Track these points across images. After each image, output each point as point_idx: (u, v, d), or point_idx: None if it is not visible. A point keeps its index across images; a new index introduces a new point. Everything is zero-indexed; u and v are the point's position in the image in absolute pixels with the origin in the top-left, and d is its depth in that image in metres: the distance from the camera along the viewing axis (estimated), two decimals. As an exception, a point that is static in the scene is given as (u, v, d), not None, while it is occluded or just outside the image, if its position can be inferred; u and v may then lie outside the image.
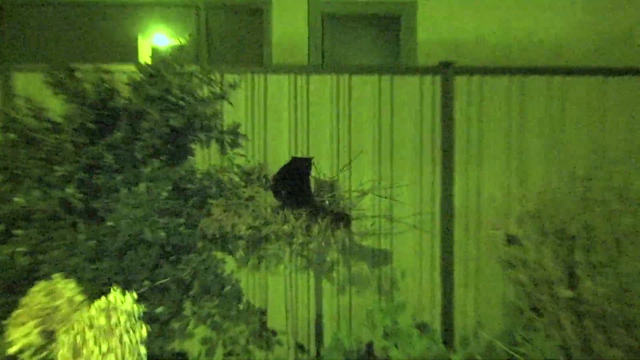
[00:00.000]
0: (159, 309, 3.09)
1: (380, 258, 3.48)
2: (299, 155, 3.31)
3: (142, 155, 3.11)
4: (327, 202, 3.12)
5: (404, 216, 3.47)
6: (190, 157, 3.23)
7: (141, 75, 3.17)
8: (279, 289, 3.44)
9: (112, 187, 3.06)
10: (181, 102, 3.15)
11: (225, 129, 3.31)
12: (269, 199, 3.11)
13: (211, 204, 3.13)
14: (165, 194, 3.03)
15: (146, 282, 3.05)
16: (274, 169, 3.22)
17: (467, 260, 3.50)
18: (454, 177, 3.50)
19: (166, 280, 3.09)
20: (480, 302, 3.49)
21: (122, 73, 3.19)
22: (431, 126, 3.49)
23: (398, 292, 3.50)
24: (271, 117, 3.40)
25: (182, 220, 3.07)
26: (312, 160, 3.05)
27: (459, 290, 3.53)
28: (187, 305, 3.21)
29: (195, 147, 3.29)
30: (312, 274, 3.48)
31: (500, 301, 3.44)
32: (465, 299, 3.50)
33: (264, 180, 3.23)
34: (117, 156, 3.09)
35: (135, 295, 2.57)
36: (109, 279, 2.99)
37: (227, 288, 3.19)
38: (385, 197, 3.39)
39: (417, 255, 3.51)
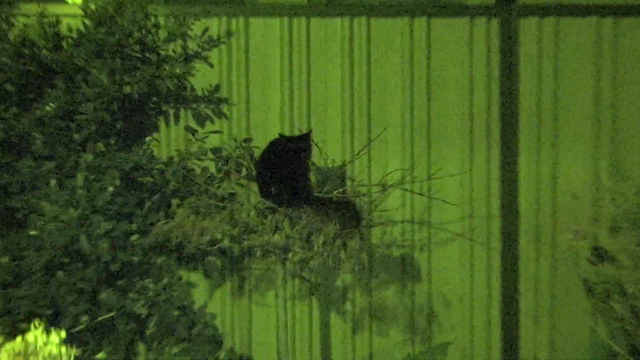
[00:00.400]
0: (100, 355, 3.12)
1: (413, 280, 3.50)
2: (297, 133, 3.32)
3: (83, 136, 3.16)
4: (335, 199, 3.09)
5: (447, 220, 3.49)
6: (148, 138, 3.30)
7: (86, 21, 3.23)
8: (268, 326, 3.47)
9: (37, 178, 3.09)
10: (139, 61, 3.24)
11: (199, 94, 3.37)
12: (254, 198, 3.16)
13: (177, 205, 3.22)
14: (111, 188, 3.05)
15: (82, 317, 3.08)
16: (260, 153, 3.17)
17: (538, 283, 3.52)
18: (519, 163, 3.51)
19: (111, 314, 3.12)
20: (556, 342, 3.50)
21: (59, 17, 3.26)
22: (485, 90, 3.48)
23: (439, 329, 3.52)
24: (256, 78, 3.40)
25: (134, 227, 3.11)
26: (312, 137, 3.04)
27: (526, 325, 3.53)
28: (141, 350, 3.25)
29: (158, 123, 3.36)
30: (315, 304, 3.52)
31: (585, 341, 3.47)
32: (535, 338, 3.50)
33: (246, 170, 3.25)
34: (48, 135, 3.11)
35: (64, 334, 2.59)
36: (29, 312, 2.99)
37: (199, 327, 3.23)
38: (420, 194, 3.39)
39: (466, 277, 3.52)
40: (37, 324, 2.62)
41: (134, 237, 3.10)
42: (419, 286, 3.52)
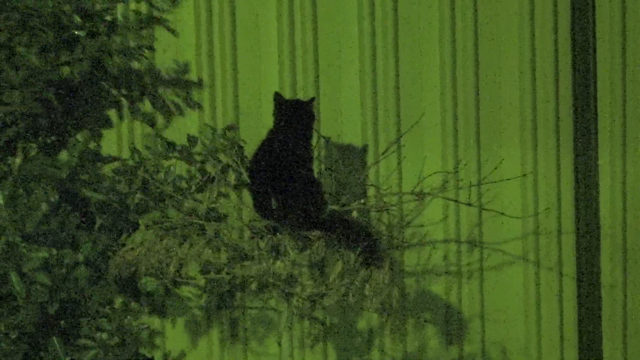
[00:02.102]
0: None
1: (460, 321, 3.43)
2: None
3: (7, 135, 3.16)
4: (355, 213, 3.09)
5: (504, 239, 3.40)
6: (83, 132, 3.26)
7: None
8: None
9: None
10: (80, 33, 3.18)
11: (165, 75, 3.39)
12: (246, 213, 3.16)
13: (136, 223, 3.16)
14: (45, 206, 3.02)
15: None
16: (251, 150, 3.18)
17: (627, 321, 3.48)
18: (598, 163, 3.47)
19: None
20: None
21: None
22: (552, 66, 3.39)
23: None
24: (245, 47, 3.34)
25: (81, 258, 3.06)
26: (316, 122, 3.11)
27: None
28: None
29: (109, 116, 3.35)
30: (331, 353, 3.43)
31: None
32: None
33: (235, 173, 3.21)
34: None
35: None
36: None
37: None
38: (469, 204, 3.22)
39: (531, 313, 3.45)
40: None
41: (81, 270, 3.05)
42: (469, 328, 3.43)
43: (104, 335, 3.10)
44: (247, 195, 3.14)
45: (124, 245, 3.12)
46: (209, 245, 3.03)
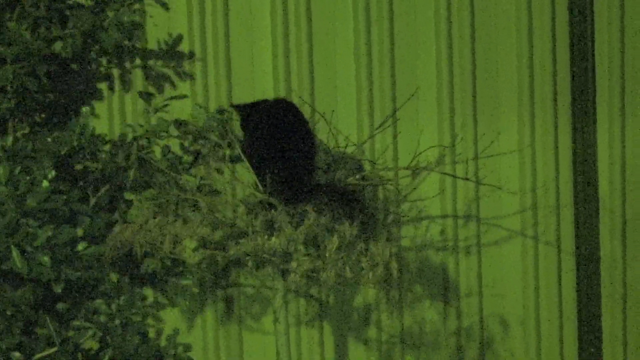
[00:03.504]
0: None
1: (458, 295, 3.47)
2: (295, 99, 3.28)
3: (1, 114, 3.16)
4: (351, 188, 3.08)
5: (502, 213, 3.43)
6: (84, 109, 3.26)
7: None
8: (267, 359, 3.42)
9: None
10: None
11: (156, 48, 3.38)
12: (240, 189, 3.17)
13: (130, 200, 3.19)
14: (46, 183, 3.00)
15: (15, 354, 3.04)
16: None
17: (626, 295, 3.50)
18: (597, 134, 3.48)
19: (52, 350, 3.05)
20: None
21: None
22: (549, 39, 3.42)
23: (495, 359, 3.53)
24: (238, 25, 3.36)
25: (79, 232, 3.05)
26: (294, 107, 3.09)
27: (611, 352, 3.51)
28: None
29: (101, 90, 3.34)
30: (328, 330, 3.44)
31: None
32: None
33: (228, 147, 3.21)
34: None
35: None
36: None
37: None
38: (466, 179, 3.27)
39: (529, 288, 3.49)
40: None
41: (81, 246, 3.04)
42: (467, 302, 3.46)
43: (102, 318, 3.12)
44: (241, 171, 3.14)
45: (116, 222, 3.15)
46: (203, 222, 3.03)
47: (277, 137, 3.05)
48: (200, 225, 3.02)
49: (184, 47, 3.40)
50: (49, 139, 3.14)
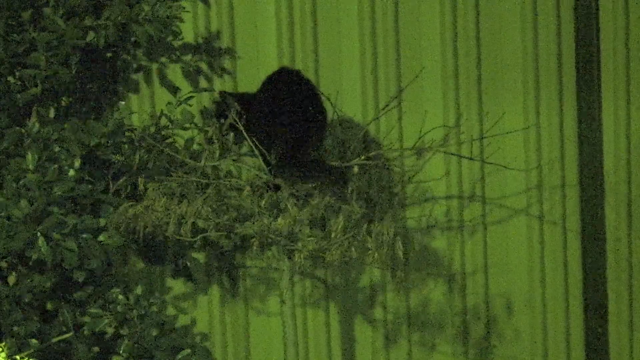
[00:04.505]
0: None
1: (463, 275, 3.50)
2: (298, 84, 3.21)
3: (28, 96, 3.15)
4: (355, 169, 3.10)
5: (507, 193, 3.45)
6: (121, 103, 3.30)
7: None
8: (272, 341, 3.46)
9: None
10: None
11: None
12: (245, 171, 3.20)
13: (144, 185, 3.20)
14: (72, 172, 3.03)
15: (32, 341, 3.05)
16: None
17: (632, 275, 3.51)
18: (602, 113, 3.48)
19: (67, 335, 3.09)
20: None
21: None
22: (554, 17, 3.44)
23: (499, 339, 3.50)
24: (242, 5, 3.40)
25: (103, 221, 3.09)
26: (305, 79, 3.12)
27: (617, 332, 3.52)
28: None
29: (134, 82, 3.38)
30: (334, 310, 3.49)
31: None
32: (629, 348, 3.52)
33: (229, 130, 3.21)
34: None
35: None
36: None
37: (185, 352, 3.17)
38: (470, 158, 3.31)
39: (535, 268, 3.51)
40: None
41: (103, 237, 3.07)
42: (472, 282, 3.48)
43: (119, 308, 3.13)
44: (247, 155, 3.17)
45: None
46: (208, 203, 3.04)
47: (283, 106, 3.05)
48: (205, 206, 3.03)
49: (189, 37, 3.39)
50: (81, 128, 3.14)
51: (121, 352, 3.11)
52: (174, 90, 3.36)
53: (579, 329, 3.53)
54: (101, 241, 3.09)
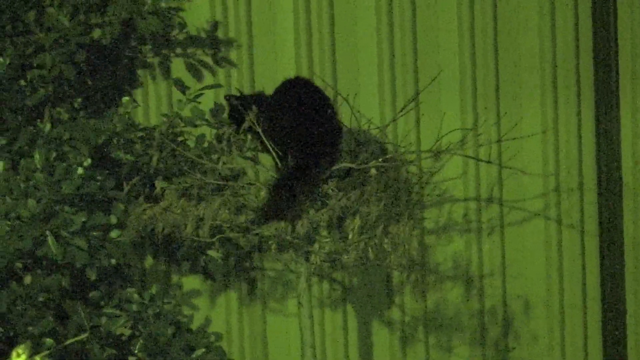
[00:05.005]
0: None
1: (481, 277, 3.50)
2: (318, 82, 3.26)
3: (38, 98, 3.17)
4: (373, 171, 3.08)
5: (524, 196, 3.46)
6: (125, 99, 3.28)
7: None
8: (289, 342, 3.46)
9: None
10: None
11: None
12: (263, 173, 3.20)
13: (163, 189, 3.19)
14: (80, 170, 3.01)
15: (46, 340, 3.03)
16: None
17: None
18: (620, 116, 3.48)
19: (83, 336, 3.06)
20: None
21: None
22: (572, 20, 3.44)
23: (517, 341, 3.50)
24: (260, 6, 3.41)
25: (113, 219, 3.07)
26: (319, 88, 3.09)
27: (635, 335, 3.51)
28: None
29: (140, 78, 3.39)
30: (351, 312, 3.49)
31: None
32: None
33: (248, 135, 3.19)
34: None
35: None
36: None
37: (200, 351, 3.16)
38: (488, 161, 3.29)
39: (552, 270, 3.51)
40: (20, 350, 2.66)
41: (114, 234, 3.07)
42: (490, 284, 3.49)
43: (134, 307, 3.14)
44: (263, 155, 3.14)
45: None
46: (226, 206, 3.04)
47: (300, 118, 3.03)
48: (223, 208, 3.03)
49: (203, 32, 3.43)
50: (88, 126, 3.14)
51: (136, 351, 3.12)
52: (182, 86, 3.35)
53: (596, 331, 3.53)
54: (112, 239, 3.09)
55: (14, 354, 2.61)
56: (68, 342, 3.05)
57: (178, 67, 3.44)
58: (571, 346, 3.52)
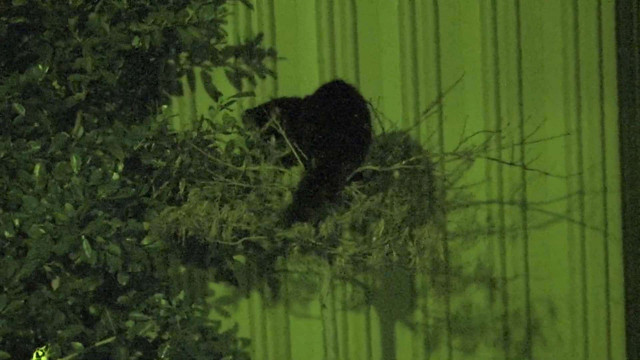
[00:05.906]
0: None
1: (504, 280, 3.50)
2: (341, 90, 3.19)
3: (75, 101, 3.21)
4: (397, 174, 3.10)
5: (548, 198, 3.46)
6: (164, 107, 3.28)
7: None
8: (312, 345, 3.47)
9: (18, 163, 3.10)
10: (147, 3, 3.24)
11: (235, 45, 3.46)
12: (287, 178, 3.21)
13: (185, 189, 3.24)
14: (116, 176, 3.06)
15: (76, 344, 3.07)
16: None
17: None
18: None
19: (110, 339, 3.12)
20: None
21: None
22: (595, 23, 3.44)
23: (542, 344, 3.51)
24: (283, 12, 3.42)
25: (147, 225, 3.12)
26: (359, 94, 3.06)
27: None
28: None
29: (179, 86, 3.42)
30: (374, 314, 3.50)
31: None
32: None
33: (273, 137, 3.19)
34: (31, 106, 3.13)
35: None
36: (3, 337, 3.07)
37: (227, 358, 3.20)
38: (512, 164, 3.31)
39: (576, 273, 3.52)
40: (8, 354, 2.68)
41: (146, 240, 3.11)
42: (514, 287, 3.49)
43: (162, 312, 3.13)
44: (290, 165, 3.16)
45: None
46: (250, 208, 3.04)
47: (327, 120, 3.02)
48: (247, 211, 3.03)
49: (230, 39, 3.43)
50: (124, 132, 3.17)
51: (163, 356, 3.13)
52: (216, 94, 3.40)
53: (620, 334, 3.51)
54: (144, 245, 3.11)
55: (34, 355, 2.65)
56: (96, 344, 3.09)
57: (215, 77, 3.46)
58: (595, 348, 3.52)
